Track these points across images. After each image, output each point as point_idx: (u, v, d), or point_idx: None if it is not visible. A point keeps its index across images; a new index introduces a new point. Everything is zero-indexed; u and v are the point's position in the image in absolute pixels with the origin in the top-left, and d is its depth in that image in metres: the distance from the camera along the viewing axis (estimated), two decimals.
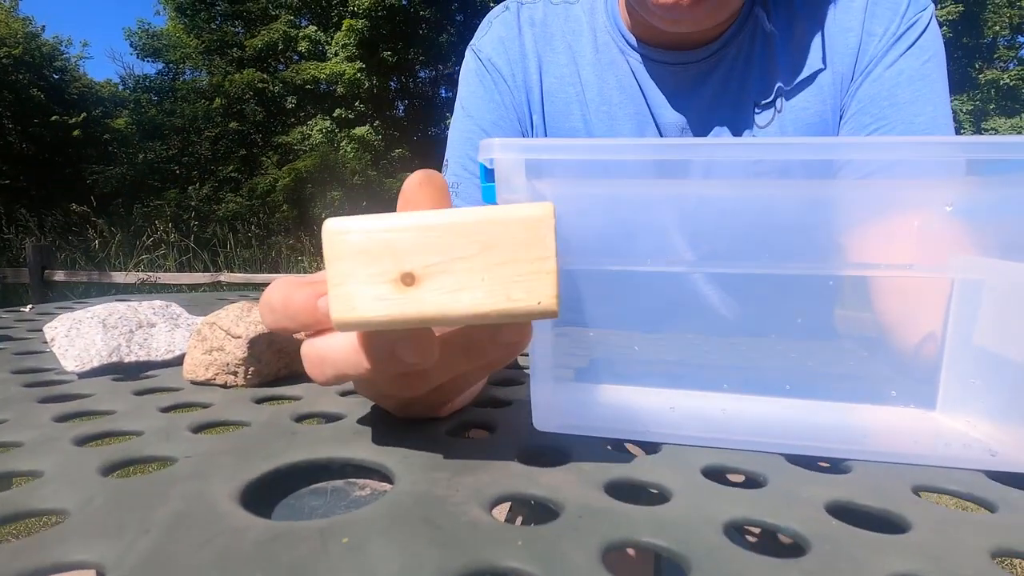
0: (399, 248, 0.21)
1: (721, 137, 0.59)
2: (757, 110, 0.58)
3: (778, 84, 0.57)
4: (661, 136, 0.61)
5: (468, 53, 0.69)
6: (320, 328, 0.25)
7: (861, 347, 0.35)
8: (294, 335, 0.42)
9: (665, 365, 0.35)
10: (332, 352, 0.24)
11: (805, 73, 0.57)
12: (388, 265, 0.21)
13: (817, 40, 0.57)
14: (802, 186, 0.30)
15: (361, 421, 0.32)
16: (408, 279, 0.21)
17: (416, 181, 0.25)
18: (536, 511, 0.24)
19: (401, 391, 0.26)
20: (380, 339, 0.23)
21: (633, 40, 0.60)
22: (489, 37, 0.67)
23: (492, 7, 0.70)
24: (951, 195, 0.30)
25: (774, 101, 0.58)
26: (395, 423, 0.31)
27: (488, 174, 0.29)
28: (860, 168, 0.43)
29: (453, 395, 0.31)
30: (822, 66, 0.57)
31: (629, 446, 0.34)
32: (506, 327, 0.25)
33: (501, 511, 0.48)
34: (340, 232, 0.21)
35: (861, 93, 0.56)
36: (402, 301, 0.21)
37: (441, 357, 0.25)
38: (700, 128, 0.60)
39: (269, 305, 0.25)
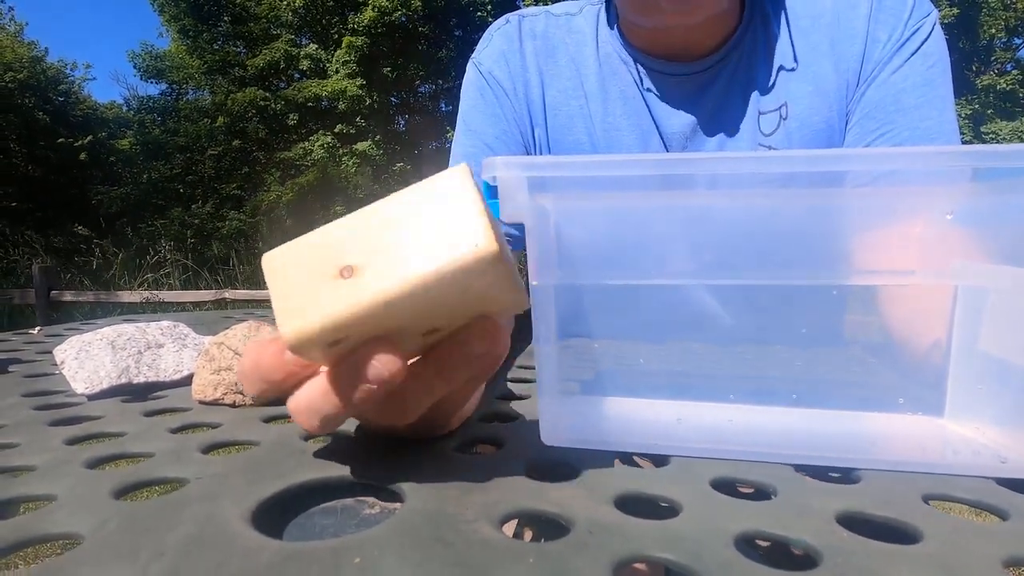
0: (330, 247, 0.22)
1: (725, 148, 0.60)
2: (761, 118, 0.59)
3: (782, 85, 0.58)
4: (665, 146, 0.61)
5: (469, 66, 0.69)
6: (295, 382, 0.25)
7: (867, 354, 0.35)
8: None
9: (671, 376, 0.35)
10: (309, 401, 0.24)
11: (810, 80, 0.57)
12: (324, 266, 0.21)
13: (821, 48, 0.57)
14: (803, 196, 0.30)
15: (370, 439, 0.32)
16: (347, 271, 0.21)
17: None
18: (545, 526, 0.24)
19: (391, 420, 0.26)
20: (345, 370, 0.23)
21: (634, 51, 0.61)
22: (490, 50, 0.67)
23: (491, 22, 0.71)
24: (952, 202, 0.30)
25: (778, 108, 0.58)
26: (404, 440, 0.31)
27: (491, 191, 0.30)
28: (862, 176, 0.43)
29: (448, 415, 0.31)
30: (826, 73, 0.57)
31: (637, 458, 0.34)
32: (473, 336, 0.24)
33: (509, 525, 0.48)
34: (273, 256, 0.22)
35: (866, 99, 0.56)
36: (347, 293, 0.21)
37: (417, 383, 0.25)
38: (703, 138, 0.60)
39: (244, 374, 0.25)
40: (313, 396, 0.24)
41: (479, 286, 0.22)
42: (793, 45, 0.58)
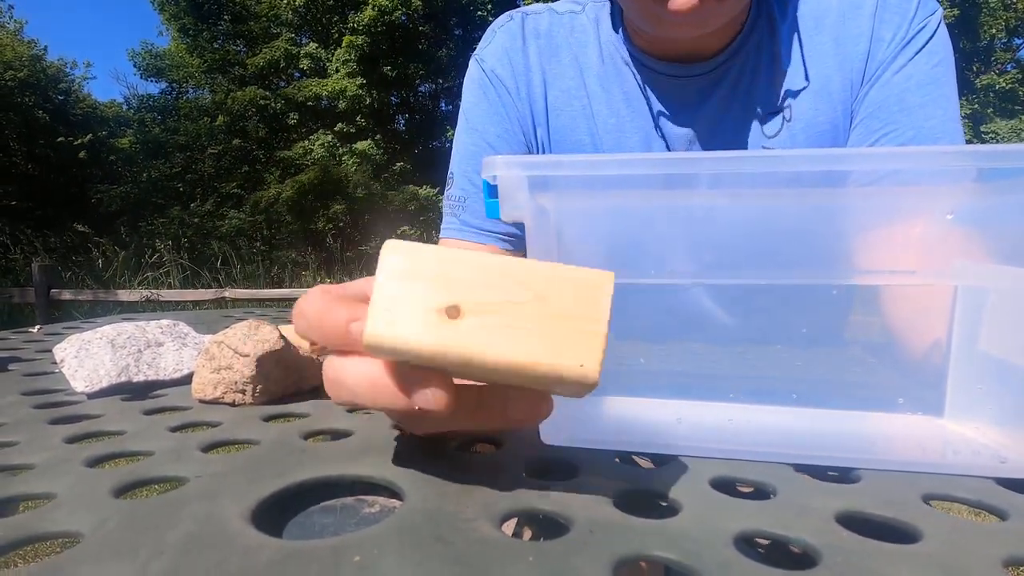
0: (451, 279, 0.21)
1: (727, 149, 0.59)
2: (765, 120, 0.58)
3: (786, 90, 0.57)
4: (668, 148, 0.61)
5: (472, 63, 0.68)
6: (347, 349, 0.24)
7: (867, 354, 0.35)
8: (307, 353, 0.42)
9: (671, 376, 0.35)
10: (351, 379, 0.24)
11: (815, 82, 0.57)
12: (436, 294, 0.21)
13: (826, 48, 0.57)
14: (803, 195, 0.30)
15: (369, 438, 0.32)
16: (453, 311, 0.20)
17: None
18: (544, 525, 0.24)
19: (405, 426, 0.26)
20: (400, 379, 0.23)
21: (638, 52, 0.61)
22: (493, 48, 0.67)
23: (491, 22, 0.70)
24: (953, 202, 0.30)
25: (782, 111, 0.58)
26: (403, 439, 0.31)
27: (492, 190, 0.30)
28: (864, 176, 0.43)
29: (459, 434, 0.31)
30: (831, 73, 0.57)
31: (637, 457, 0.34)
32: (519, 403, 0.24)
33: (508, 525, 0.48)
34: (396, 251, 0.21)
35: (871, 98, 0.56)
36: (442, 333, 0.20)
37: (447, 415, 0.24)
38: (707, 139, 0.60)
39: (303, 313, 0.24)
40: (357, 379, 0.24)
41: (559, 386, 0.22)
42: (804, 59, 0.57)
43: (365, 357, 0.23)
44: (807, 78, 0.57)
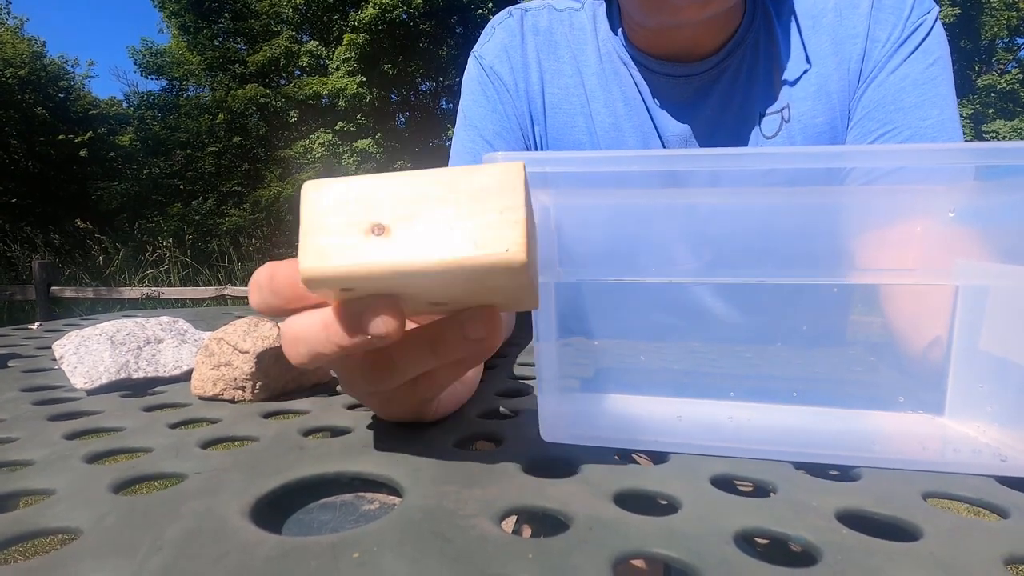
0: (371, 200, 0.22)
1: (726, 148, 0.59)
2: (763, 120, 0.58)
3: (784, 79, 0.57)
4: (664, 147, 0.61)
5: (471, 60, 0.68)
6: (302, 305, 0.25)
7: (868, 353, 0.35)
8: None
9: (671, 374, 0.35)
10: (304, 330, 0.24)
11: (812, 82, 0.57)
12: (360, 216, 0.22)
13: (823, 48, 0.57)
14: (804, 194, 0.30)
15: (369, 435, 0.32)
16: (379, 229, 0.21)
17: None
18: (544, 522, 0.24)
19: (373, 383, 0.27)
20: (347, 312, 0.23)
21: (635, 51, 0.61)
22: (492, 44, 0.67)
23: (492, 19, 0.70)
24: (954, 201, 0.30)
25: (781, 110, 0.58)
26: (403, 436, 0.31)
27: None
28: (864, 175, 0.43)
29: (429, 394, 0.30)
30: (829, 73, 0.57)
31: (637, 455, 0.34)
32: (473, 321, 0.25)
33: (508, 522, 0.48)
34: (316, 187, 0.22)
35: (867, 98, 0.56)
36: (371, 250, 0.21)
37: (408, 350, 0.25)
38: (705, 140, 0.60)
39: (256, 283, 0.25)
40: (310, 326, 0.24)
41: (497, 283, 0.23)
42: (805, 48, 0.57)
43: (314, 310, 0.24)
44: (808, 61, 0.57)
